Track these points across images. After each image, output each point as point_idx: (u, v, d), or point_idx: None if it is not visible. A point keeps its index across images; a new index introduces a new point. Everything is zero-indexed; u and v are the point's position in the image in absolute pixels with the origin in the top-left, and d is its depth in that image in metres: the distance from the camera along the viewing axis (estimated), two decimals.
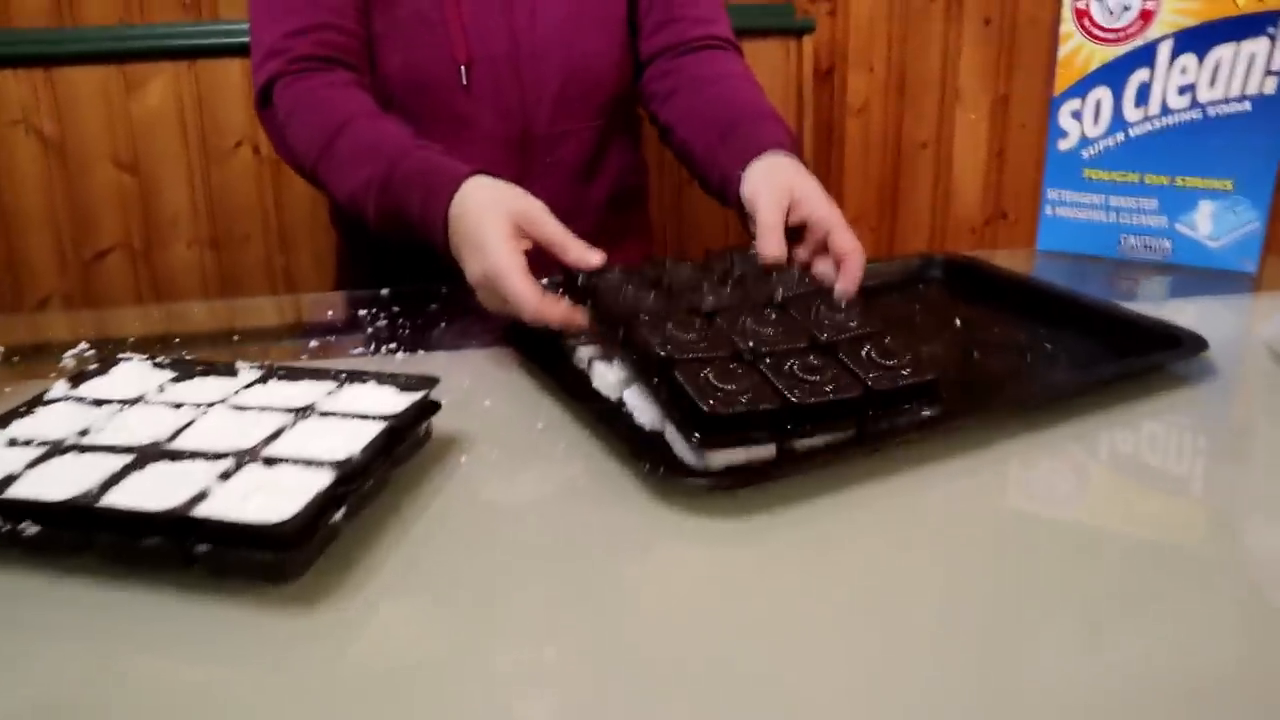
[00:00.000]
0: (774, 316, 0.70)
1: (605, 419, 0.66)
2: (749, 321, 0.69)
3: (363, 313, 0.94)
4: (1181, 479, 0.63)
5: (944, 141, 1.72)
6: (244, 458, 0.55)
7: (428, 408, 0.65)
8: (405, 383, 0.65)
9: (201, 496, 0.51)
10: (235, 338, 0.94)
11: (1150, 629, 0.47)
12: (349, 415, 0.61)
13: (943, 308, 0.90)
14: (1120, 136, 1.03)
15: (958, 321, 0.86)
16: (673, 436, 0.63)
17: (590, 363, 0.74)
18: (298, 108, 0.95)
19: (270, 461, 0.55)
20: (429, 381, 0.65)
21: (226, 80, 1.47)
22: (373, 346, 0.85)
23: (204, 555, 0.50)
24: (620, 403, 0.70)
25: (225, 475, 0.54)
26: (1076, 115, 1.04)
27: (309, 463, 0.55)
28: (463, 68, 1.02)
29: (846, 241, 0.78)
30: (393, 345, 0.84)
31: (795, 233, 0.81)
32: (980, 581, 0.52)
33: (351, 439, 0.57)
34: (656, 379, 0.63)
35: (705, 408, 0.58)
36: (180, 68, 1.46)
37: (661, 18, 1.10)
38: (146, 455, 0.56)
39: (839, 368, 0.64)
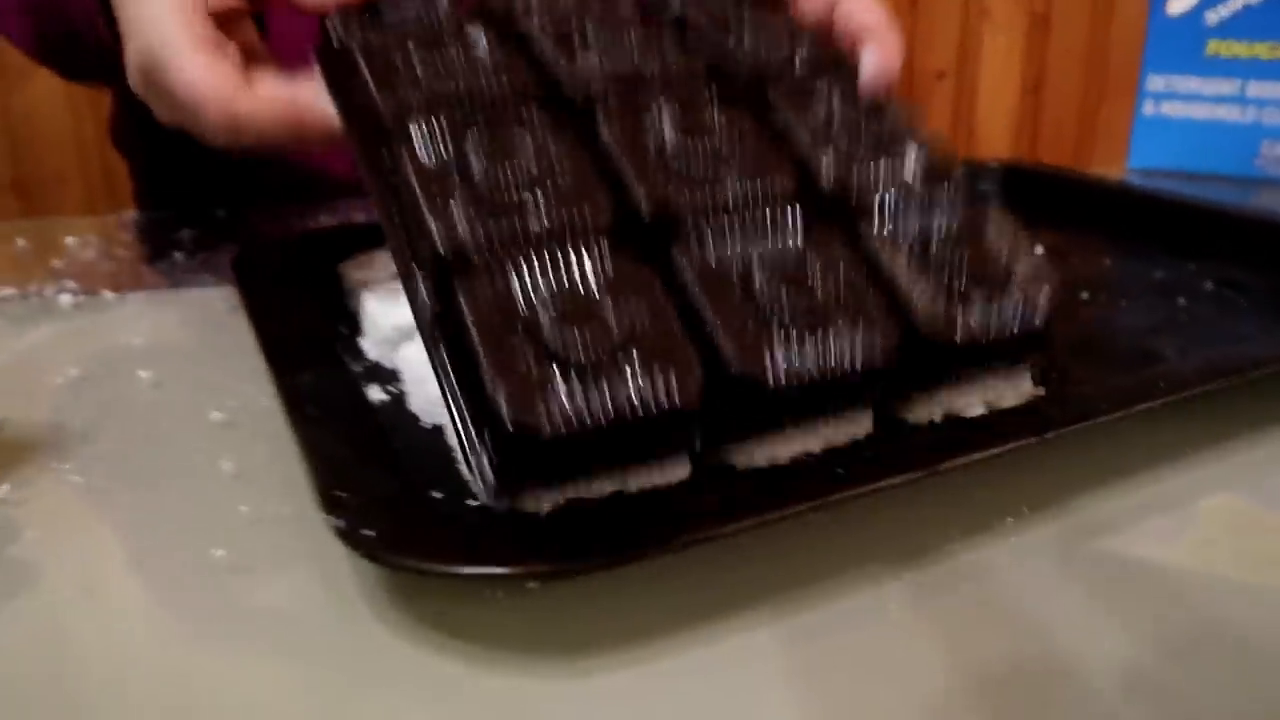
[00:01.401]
0: (733, 123, 0.31)
1: (333, 410, 0.30)
2: (677, 131, 0.30)
3: (70, 240, 0.58)
4: None
5: (967, 71, 1.37)
6: None
7: None
8: None
9: None
10: None
11: None
12: None
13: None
14: None
15: (1038, 250, 0.50)
16: (464, 446, 0.27)
17: (361, 297, 0.39)
18: None
19: None
20: None
21: None
22: (35, 288, 0.49)
23: None
24: (391, 374, 0.35)
25: None
26: None
27: None
28: None
29: (867, 10, 0.41)
30: (68, 284, 0.49)
31: None
32: None
33: None
34: (433, 324, 0.27)
35: (507, 415, 0.23)
36: None
37: None
38: None
39: (860, 270, 0.28)
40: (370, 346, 0.37)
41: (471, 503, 0.26)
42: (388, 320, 0.36)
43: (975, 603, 0.24)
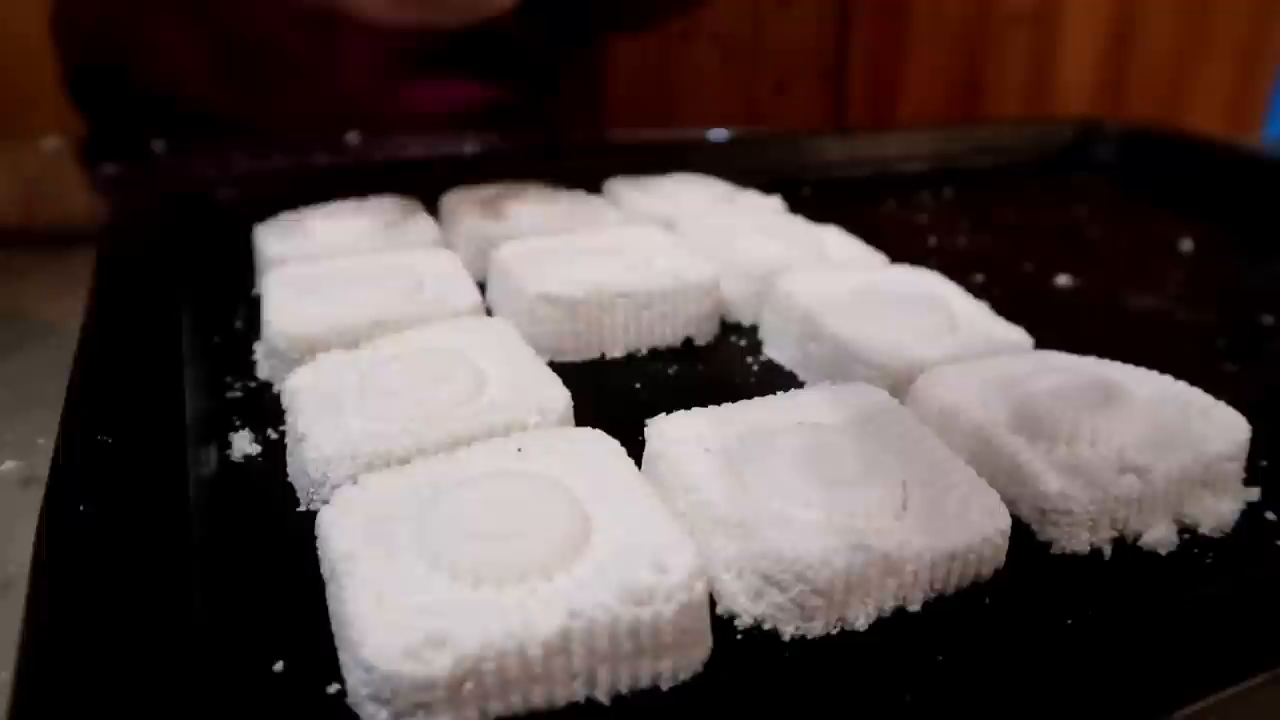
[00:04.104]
0: None
1: (124, 498, 0.19)
2: None
3: None
4: None
5: (1050, 11, 1.22)
6: None
7: None
8: None
9: None
10: None
11: None
12: None
13: (1141, 218, 0.43)
14: None
15: (1187, 245, 0.38)
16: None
17: (265, 281, 0.28)
18: None
19: None
20: None
21: None
22: None
23: None
24: (275, 408, 0.24)
25: None
26: None
27: None
28: None
29: None
30: None
31: None
32: None
33: None
34: None
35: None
36: None
37: None
38: None
39: None
40: (263, 358, 0.26)
41: (331, 690, 0.15)
42: (284, 322, 0.25)
43: None
